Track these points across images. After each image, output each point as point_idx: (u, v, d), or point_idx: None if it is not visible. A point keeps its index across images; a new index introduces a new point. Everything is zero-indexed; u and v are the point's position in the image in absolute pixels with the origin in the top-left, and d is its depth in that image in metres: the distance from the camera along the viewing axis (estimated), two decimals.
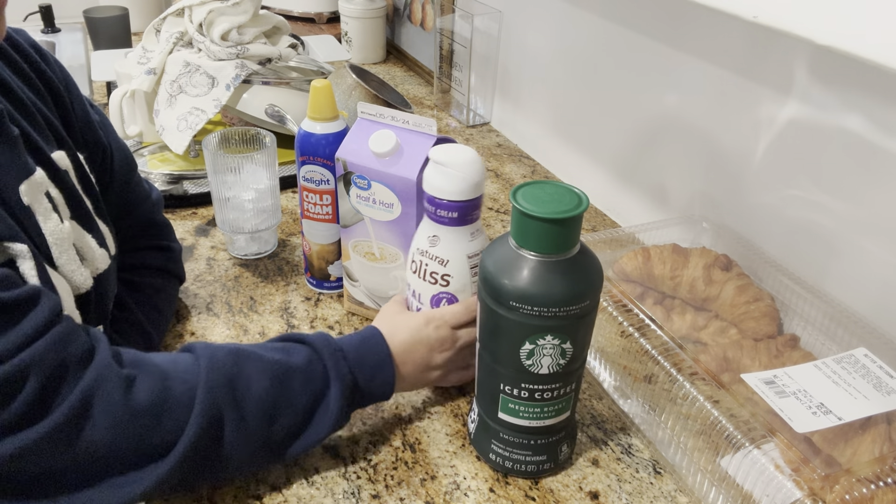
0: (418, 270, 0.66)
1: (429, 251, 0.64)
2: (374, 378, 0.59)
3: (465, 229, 0.63)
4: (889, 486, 0.48)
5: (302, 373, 0.55)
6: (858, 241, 0.67)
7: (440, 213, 0.62)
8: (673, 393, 0.59)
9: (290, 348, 0.57)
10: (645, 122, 0.93)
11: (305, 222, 0.80)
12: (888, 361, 0.58)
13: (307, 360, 0.56)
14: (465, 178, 0.60)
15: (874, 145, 0.64)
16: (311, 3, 1.82)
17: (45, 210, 0.53)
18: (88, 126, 0.65)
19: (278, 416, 0.54)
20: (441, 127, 1.33)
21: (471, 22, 1.23)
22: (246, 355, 0.54)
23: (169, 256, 0.76)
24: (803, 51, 0.68)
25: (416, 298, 0.67)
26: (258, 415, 0.52)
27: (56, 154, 0.57)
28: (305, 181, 0.76)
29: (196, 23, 1.02)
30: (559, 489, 0.61)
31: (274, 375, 0.54)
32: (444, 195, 0.61)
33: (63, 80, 0.63)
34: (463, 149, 0.62)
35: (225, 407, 0.51)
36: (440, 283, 0.65)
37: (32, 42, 0.61)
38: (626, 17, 0.93)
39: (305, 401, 0.55)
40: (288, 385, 0.54)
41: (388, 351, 0.60)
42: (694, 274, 0.72)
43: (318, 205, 0.77)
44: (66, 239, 0.55)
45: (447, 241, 0.63)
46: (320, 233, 0.80)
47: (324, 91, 0.73)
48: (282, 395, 0.54)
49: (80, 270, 0.56)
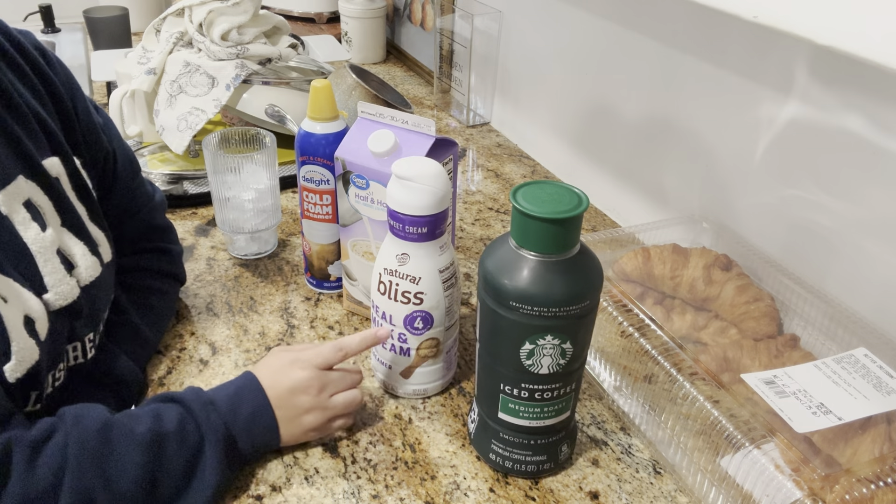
0: (388, 291, 0.63)
1: (398, 270, 0.62)
2: (252, 427, 0.57)
3: (435, 244, 0.61)
4: (889, 486, 0.48)
5: (175, 435, 0.54)
6: (858, 241, 0.67)
7: (409, 229, 0.60)
8: (673, 393, 0.59)
9: (160, 410, 0.55)
10: (645, 121, 0.93)
11: (305, 222, 0.80)
12: (888, 361, 0.58)
13: (178, 421, 0.55)
14: (432, 192, 0.58)
15: (874, 145, 0.64)
16: (311, 3, 1.82)
17: (24, 219, 0.53)
18: (91, 130, 0.64)
19: (157, 484, 0.53)
20: (441, 127, 1.33)
21: (471, 22, 1.23)
22: (117, 431, 0.52)
23: (169, 259, 0.76)
24: (803, 51, 0.68)
25: (386, 320, 0.65)
26: (134, 489, 0.52)
27: (48, 161, 0.56)
28: (305, 181, 0.76)
29: (196, 23, 1.02)
30: (559, 489, 0.61)
31: (146, 447, 0.52)
32: (411, 210, 0.59)
33: (67, 83, 0.62)
34: (426, 161, 0.60)
35: (96, 489, 0.50)
36: (413, 301, 0.62)
37: (37, 44, 0.60)
38: (626, 18, 0.93)
39: (183, 463, 0.54)
40: (162, 453, 0.53)
41: (264, 397, 0.58)
42: (694, 274, 0.72)
43: (318, 205, 0.77)
44: (48, 248, 0.54)
45: (417, 258, 0.61)
46: (320, 233, 0.79)
47: (324, 91, 0.72)
48: (157, 465, 0.53)
49: (66, 280, 0.56)
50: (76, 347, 0.59)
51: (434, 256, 0.62)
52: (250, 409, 0.58)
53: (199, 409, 0.56)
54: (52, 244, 0.55)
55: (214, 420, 0.56)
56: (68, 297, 0.56)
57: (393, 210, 0.60)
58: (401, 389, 0.69)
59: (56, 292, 0.55)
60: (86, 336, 0.60)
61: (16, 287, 0.52)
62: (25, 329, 0.51)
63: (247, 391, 0.58)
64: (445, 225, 0.62)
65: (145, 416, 0.54)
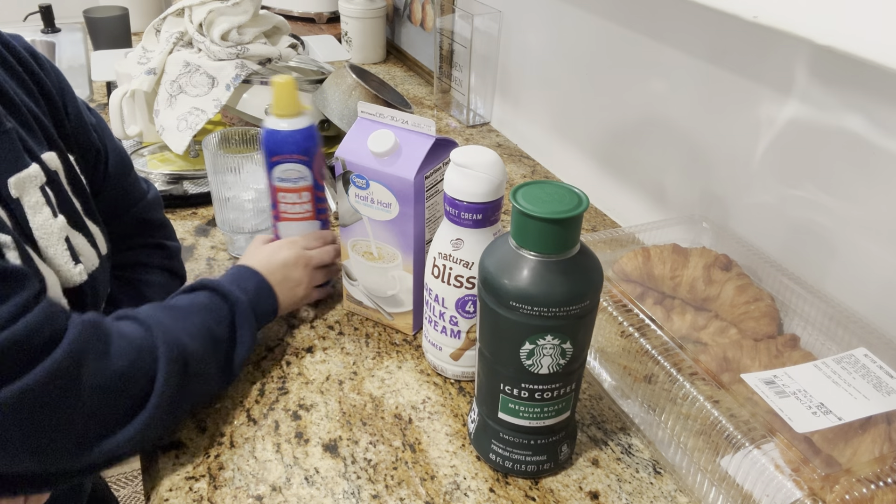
0: (441, 275, 0.65)
1: (452, 254, 0.64)
2: (260, 293, 0.70)
3: (489, 230, 0.63)
4: (889, 486, 0.48)
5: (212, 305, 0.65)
6: (858, 241, 0.67)
7: (463, 215, 0.62)
8: (673, 393, 0.59)
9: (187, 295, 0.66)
10: (645, 121, 0.93)
11: (283, 225, 0.79)
12: (888, 361, 0.58)
13: (208, 297, 0.66)
14: (488, 180, 0.60)
15: (874, 145, 0.64)
16: (311, 3, 1.82)
17: (36, 204, 0.55)
18: (82, 128, 0.65)
19: (217, 340, 0.63)
20: (441, 127, 1.33)
21: (471, 22, 1.23)
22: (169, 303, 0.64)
23: (165, 254, 0.76)
24: (803, 51, 0.68)
25: (438, 303, 0.67)
26: (205, 341, 0.61)
27: (46, 155, 0.58)
28: (281, 181, 0.76)
29: (196, 23, 1.02)
30: (559, 489, 0.61)
31: (199, 310, 0.63)
32: (467, 197, 0.61)
33: (57, 83, 0.63)
34: (484, 150, 0.62)
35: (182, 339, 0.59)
36: (465, 285, 0.65)
37: (28, 47, 0.62)
38: (626, 18, 0.93)
39: (226, 324, 0.65)
40: (211, 315, 0.64)
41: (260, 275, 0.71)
42: (694, 274, 0.72)
43: (296, 203, 0.77)
44: (55, 233, 0.56)
45: (471, 244, 0.63)
46: (300, 232, 0.79)
47: (288, 87, 0.72)
48: (212, 322, 0.63)
49: (71, 265, 0.57)
50: None
51: (487, 242, 0.63)
52: (253, 284, 0.70)
53: (218, 287, 0.67)
54: (61, 231, 0.57)
55: (234, 293, 0.67)
56: (77, 280, 0.58)
57: (450, 196, 0.62)
58: (450, 371, 0.71)
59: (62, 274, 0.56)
60: None
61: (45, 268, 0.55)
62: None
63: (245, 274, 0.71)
64: (500, 212, 0.64)
65: (179, 299, 0.65)
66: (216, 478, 0.60)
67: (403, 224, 0.69)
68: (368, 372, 0.72)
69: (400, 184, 0.67)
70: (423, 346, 0.74)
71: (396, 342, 0.77)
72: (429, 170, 0.68)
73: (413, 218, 0.69)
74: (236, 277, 0.70)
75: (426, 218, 0.71)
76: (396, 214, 0.69)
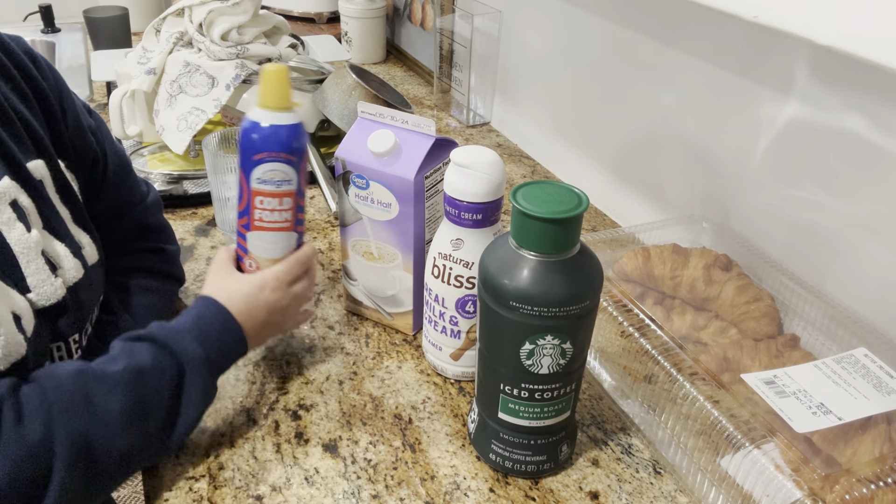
0: (441, 275, 0.66)
1: (452, 254, 0.64)
2: (223, 341, 0.60)
3: (489, 230, 0.64)
4: (889, 486, 0.48)
5: (153, 369, 0.55)
6: (858, 241, 0.67)
7: (464, 215, 0.62)
8: (673, 393, 0.59)
9: (131, 349, 0.56)
10: (645, 121, 0.93)
11: (255, 235, 0.65)
12: (888, 361, 0.58)
13: (152, 356, 0.56)
14: (488, 180, 0.60)
15: (874, 145, 0.64)
16: (311, 3, 1.82)
17: (8, 220, 0.53)
18: (80, 133, 0.64)
19: (147, 416, 0.54)
20: (441, 127, 1.33)
21: (471, 22, 1.23)
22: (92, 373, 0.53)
23: (163, 258, 0.76)
24: (803, 51, 0.68)
25: (438, 303, 0.67)
26: (125, 424, 0.52)
27: (32, 163, 0.57)
28: (261, 184, 0.62)
29: (196, 23, 1.02)
30: (559, 489, 0.61)
31: (126, 384, 0.53)
32: (467, 197, 0.61)
33: (55, 86, 0.62)
34: (484, 150, 0.62)
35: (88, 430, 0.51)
36: (465, 285, 0.65)
37: (28, 49, 0.61)
38: (626, 18, 0.93)
39: (167, 393, 0.56)
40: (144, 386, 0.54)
41: (228, 314, 0.61)
42: (694, 274, 0.72)
43: (276, 211, 0.63)
44: (32, 248, 0.54)
45: (471, 244, 0.63)
46: (274, 245, 0.66)
47: (279, 76, 0.61)
48: (142, 399, 0.54)
49: (51, 280, 0.56)
50: (60, 347, 0.59)
51: (487, 242, 0.62)
52: (217, 330, 0.60)
53: (171, 340, 0.57)
54: (37, 245, 0.55)
55: (189, 346, 0.58)
56: (52, 298, 0.56)
57: (449, 196, 0.62)
58: (450, 371, 0.71)
59: (38, 293, 0.55)
60: (70, 337, 0.60)
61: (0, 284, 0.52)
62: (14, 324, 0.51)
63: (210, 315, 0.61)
64: (500, 212, 0.64)
65: (118, 357, 0.55)
66: (216, 478, 0.60)
67: (403, 224, 0.69)
68: (368, 372, 0.72)
69: (400, 184, 0.67)
70: (423, 346, 0.74)
71: (396, 342, 0.77)
72: (429, 170, 0.68)
73: (413, 218, 0.69)
74: (198, 321, 0.60)
75: (426, 218, 0.71)
76: (396, 214, 0.69)
